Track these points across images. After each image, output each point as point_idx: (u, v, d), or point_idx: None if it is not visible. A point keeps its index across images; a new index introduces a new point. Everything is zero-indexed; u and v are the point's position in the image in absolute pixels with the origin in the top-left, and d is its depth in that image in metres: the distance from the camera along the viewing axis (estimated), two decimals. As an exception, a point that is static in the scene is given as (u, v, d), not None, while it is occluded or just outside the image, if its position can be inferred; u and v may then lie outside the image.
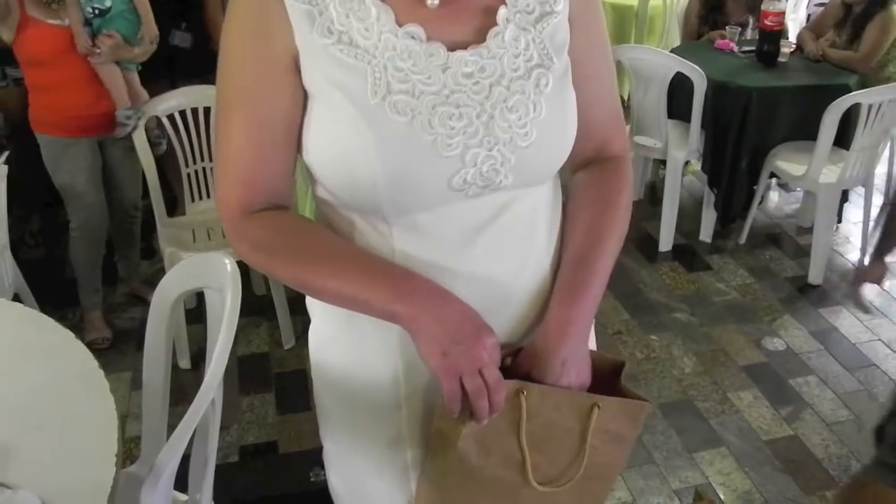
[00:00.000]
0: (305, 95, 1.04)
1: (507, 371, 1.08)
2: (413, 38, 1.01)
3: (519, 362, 1.11)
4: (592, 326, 1.22)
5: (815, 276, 3.69)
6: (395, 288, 1.03)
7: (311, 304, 1.24)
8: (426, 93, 1.01)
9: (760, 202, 4.06)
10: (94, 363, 1.54)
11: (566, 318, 1.10)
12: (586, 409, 1.11)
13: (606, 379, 1.17)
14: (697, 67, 3.67)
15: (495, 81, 1.04)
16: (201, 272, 1.65)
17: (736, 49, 4.14)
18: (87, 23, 2.90)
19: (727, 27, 4.28)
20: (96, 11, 2.90)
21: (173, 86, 3.56)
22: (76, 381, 1.50)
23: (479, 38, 1.04)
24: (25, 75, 3.02)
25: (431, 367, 1.02)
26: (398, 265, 1.07)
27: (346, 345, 1.17)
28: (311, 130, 1.05)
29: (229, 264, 1.60)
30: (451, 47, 1.03)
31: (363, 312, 1.06)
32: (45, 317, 1.70)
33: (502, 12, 1.05)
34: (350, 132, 1.00)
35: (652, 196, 4.54)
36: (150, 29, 3.06)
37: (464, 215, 1.08)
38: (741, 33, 4.26)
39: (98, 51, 2.90)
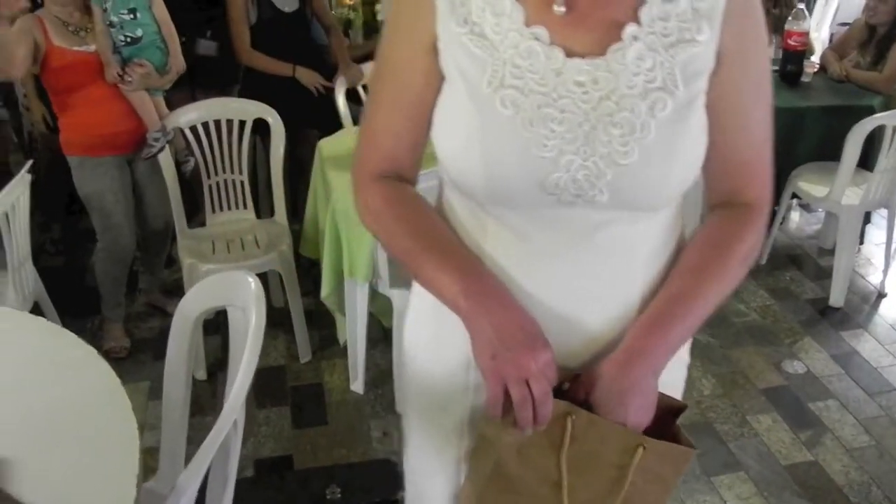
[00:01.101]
0: (442, 78, 1.10)
1: (564, 392, 1.09)
2: (537, 39, 1.04)
3: (579, 384, 1.11)
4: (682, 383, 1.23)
5: (836, 298, 3.66)
6: (465, 283, 1.08)
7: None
8: (535, 92, 1.04)
9: (781, 222, 4.03)
10: (117, 380, 1.53)
11: (637, 347, 1.09)
12: (631, 447, 1.09)
13: (661, 418, 1.14)
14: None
15: (605, 95, 1.03)
16: (224, 290, 1.65)
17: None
18: (117, 50, 2.93)
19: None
20: (128, 40, 2.92)
21: (193, 96, 3.59)
22: (98, 399, 1.50)
23: (601, 50, 1.04)
24: (53, 101, 3.06)
25: (480, 368, 1.06)
26: (478, 262, 1.12)
27: (434, 322, 1.21)
28: (438, 112, 1.12)
29: (253, 283, 1.59)
30: (570, 54, 1.04)
31: (436, 297, 1.12)
32: (67, 332, 1.70)
33: (630, 30, 1.04)
34: (461, 118, 1.07)
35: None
36: (178, 61, 3.09)
37: (556, 223, 1.09)
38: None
39: (129, 79, 2.92)
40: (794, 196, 3.87)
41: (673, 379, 1.20)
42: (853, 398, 3.05)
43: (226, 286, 1.66)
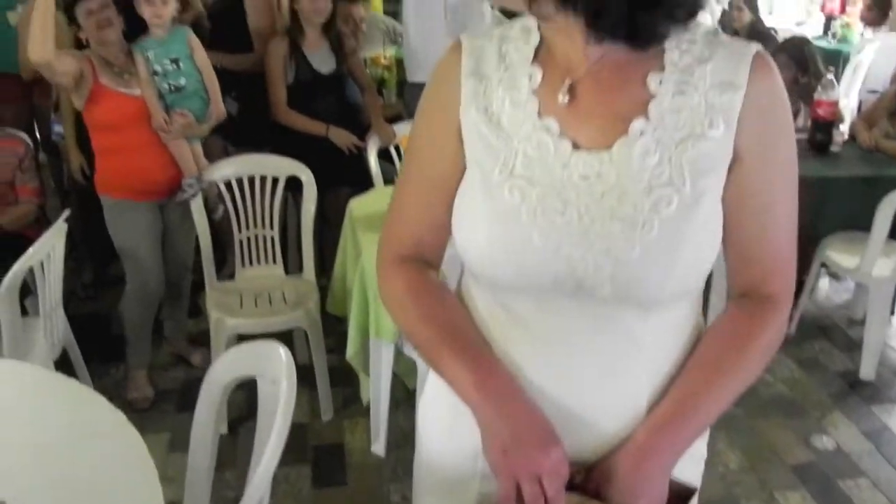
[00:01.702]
0: (465, 164, 1.13)
1: (576, 484, 1.08)
2: (547, 130, 1.06)
3: (590, 477, 1.11)
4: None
5: (866, 371, 3.60)
6: (478, 376, 1.08)
7: None
8: (541, 183, 1.06)
9: (811, 292, 3.99)
10: (145, 449, 1.53)
11: (649, 445, 1.08)
12: None
13: (671, 501, 1.13)
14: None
15: (609, 189, 1.04)
16: (256, 360, 1.66)
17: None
18: (160, 97, 2.98)
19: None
20: (172, 88, 2.99)
21: (225, 148, 3.65)
22: (126, 469, 1.50)
23: (608, 143, 1.05)
24: (93, 139, 3.11)
25: (490, 462, 1.06)
26: (493, 356, 1.13)
27: (447, 406, 1.20)
28: (457, 197, 1.15)
29: (284, 355, 1.60)
30: (578, 146, 1.05)
31: (450, 387, 1.12)
32: (100, 396, 1.70)
33: (637, 124, 1.04)
34: (472, 203, 1.10)
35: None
36: (219, 110, 3.15)
37: (561, 313, 1.09)
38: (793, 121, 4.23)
39: (170, 128, 2.97)
40: (824, 265, 3.84)
41: (687, 478, 1.18)
42: (885, 477, 2.98)
43: (257, 356, 1.66)
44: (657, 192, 1.03)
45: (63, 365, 2.98)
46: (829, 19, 7.09)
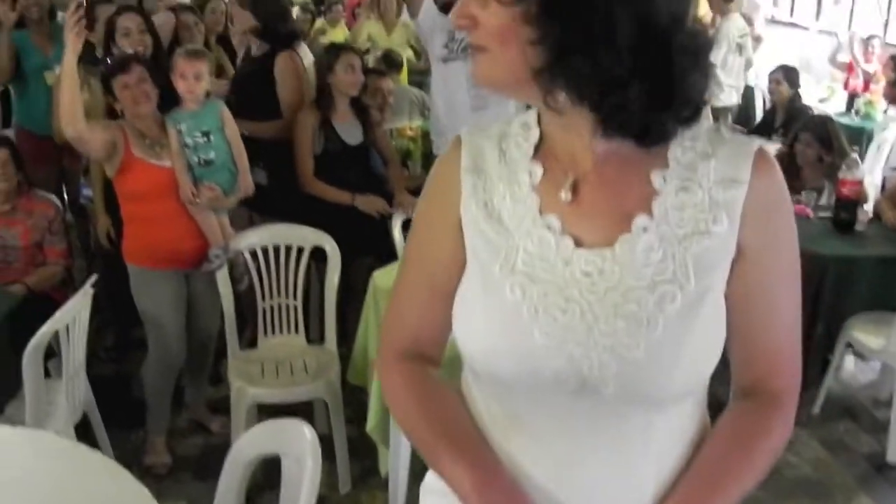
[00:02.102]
0: (465, 259, 1.13)
1: None
2: (549, 227, 1.06)
3: None
4: None
5: (893, 453, 3.53)
6: (476, 478, 1.06)
7: None
8: (543, 280, 1.05)
9: (835, 372, 3.95)
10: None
11: None
12: None
13: None
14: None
15: (612, 287, 1.04)
16: (280, 438, 1.66)
17: (811, 215, 4.12)
18: (189, 169, 3.04)
19: (803, 192, 4.28)
20: (202, 162, 3.05)
21: (250, 218, 3.70)
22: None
23: (610, 240, 1.05)
24: (122, 208, 3.16)
25: None
26: (492, 456, 1.11)
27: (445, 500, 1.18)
28: (457, 292, 1.14)
29: (308, 433, 1.60)
30: (580, 243, 1.06)
31: (448, 486, 1.10)
32: (124, 471, 1.70)
33: (640, 221, 1.04)
34: (472, 299, 1.10)
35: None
36: (247, 183, 3.20)
37: (563, 412, 1.08)
38: (817, 199, 4.24)
39: (199, 200, 3.02)
40: (849, 345, 3.80)
41: None
42: (912, 567, 2.91)
43: (281, 434, 1.66)
44: (661, 289, 1.03)
45: (83, 427, 2.98)
46: (853, 97, 7.14)
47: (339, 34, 7.37)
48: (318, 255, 3.32)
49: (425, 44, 4.37)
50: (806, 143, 4.36)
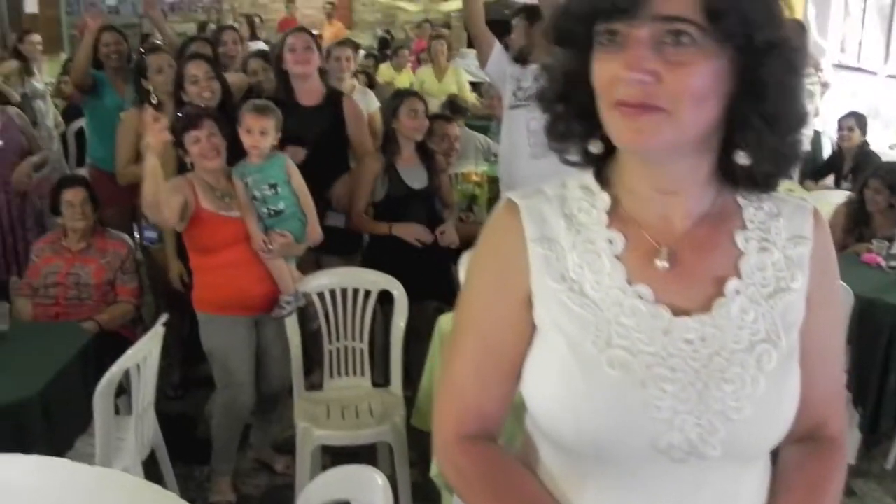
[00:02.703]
0: (534, 329, 1.10)
1: None
2: (641, 297, 1.05)
3: None
4: None
5: (971, 514, 3.40)
6: None
7: None
8: (644, 352, 1.04)
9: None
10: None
11: None
12: None
13: None
14: (844, 283, 3.57)
15: (715, 352, 1.04)
16: (351, 484, 1.67)
17: (883, 264, 4.02)
18: (259, 220, 3.11)
19: (874, 240, 4.18)
20: (271, 212, 3.11)
21: (317, 261, 3.73)
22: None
23: (706, 305, 1.05)
24: (191, 258, 3.23)
25: None
26: None
27: None
28: (530, 363, 1.10)
29: (380, 480, 1.61)
30: (676, 312, 1.05)
31: None
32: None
33: (732, 284, 1.06)
34: (563, 376, 1.05)
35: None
36: (316, 231, 3.26)
37: (662, 480, 1.06)
38: (889, 247, 4.15)
39: (271, 248, 3.08)
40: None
41: None
42: None
43: (352, 480, 1.67)
44: (758, 349, 1.05)
45: (150, 464, 3.03)
46: (923, 142, 6.99)
47: (404, 79, 7.49)
48: (384, 297, 3.35)
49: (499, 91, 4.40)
50: (875, 190, 4.28)
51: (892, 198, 4.28)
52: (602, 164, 1.10)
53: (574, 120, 1.06)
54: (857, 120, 5.83)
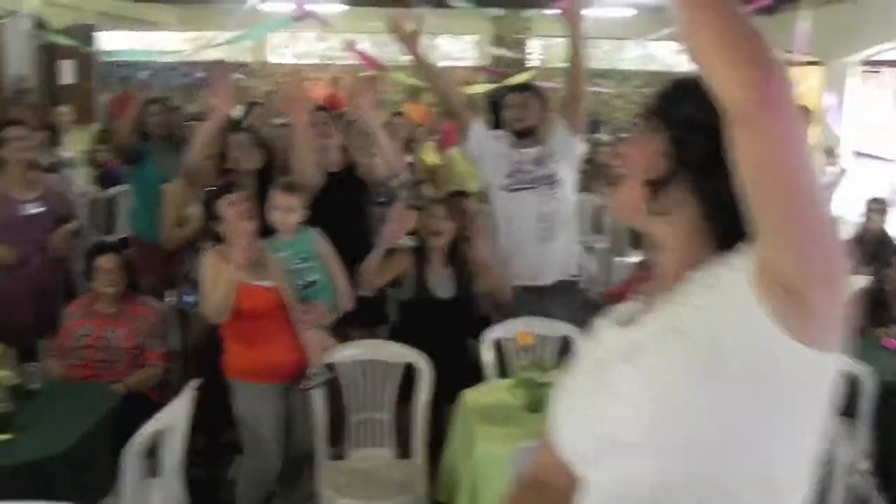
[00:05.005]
0: None
1: None
2: None
3: None
4: None
5: None
6: None
7: None
8: None
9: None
10: None
11: None
12: None
13: None
14: (867, 366, 3.58)
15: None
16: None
17: (904, 348, 4.03)
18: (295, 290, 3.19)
19: (892, 325, 4.19)
20: (306, 284, 3.19)
21: (345, 332, 3.75)
22: None
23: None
24: (223, 326, 3.24)
25: None
26: None
27: None
28: None
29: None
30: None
31: None
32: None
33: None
34: None
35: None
36: (346, 300, 3.34)
37: None
38: (907, 332, 4.15)
39: (308, 318, 3.15)
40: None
41: None
42: None
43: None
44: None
45: (175, 527, 3.03)
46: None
47: (429, 157, 7.50)
48: (409, 369, 3.38)
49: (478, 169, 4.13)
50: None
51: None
52: None
53: None
54: (881, 204, 5.92)
